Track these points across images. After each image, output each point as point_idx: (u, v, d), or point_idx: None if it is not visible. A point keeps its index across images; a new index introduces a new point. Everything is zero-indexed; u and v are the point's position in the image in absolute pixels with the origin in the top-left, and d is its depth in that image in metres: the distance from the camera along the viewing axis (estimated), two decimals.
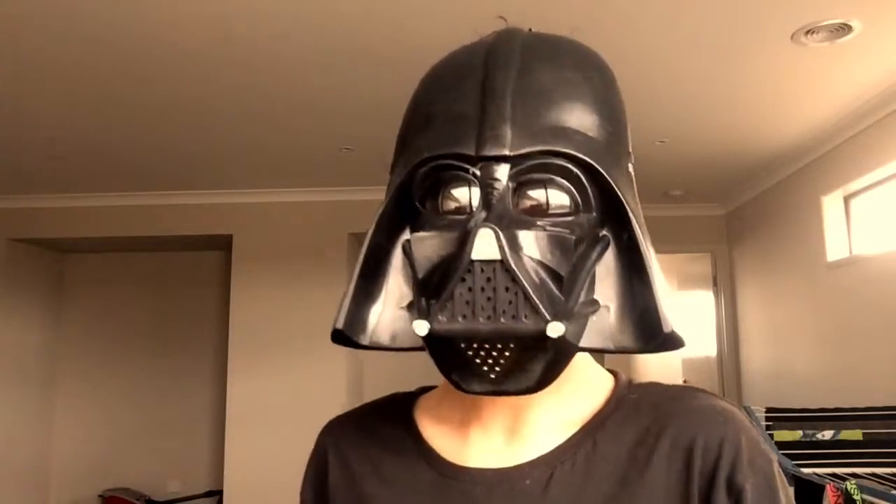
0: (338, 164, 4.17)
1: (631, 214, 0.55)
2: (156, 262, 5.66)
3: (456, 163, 0.54)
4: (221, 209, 4.91)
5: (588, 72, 0.59)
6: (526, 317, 0.50)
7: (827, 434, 2.82)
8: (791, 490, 2.74)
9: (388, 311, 0.58)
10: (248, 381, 4.71)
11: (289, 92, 3.12)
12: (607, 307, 0.55)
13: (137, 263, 5.66)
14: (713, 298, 5.53)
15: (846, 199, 3.90)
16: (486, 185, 0.53)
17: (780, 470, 0.58)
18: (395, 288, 0.58)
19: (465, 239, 0.51)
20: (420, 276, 0.55)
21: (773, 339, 4.63)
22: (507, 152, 0.52)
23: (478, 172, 0.53)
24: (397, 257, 0.58)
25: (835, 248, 3.86)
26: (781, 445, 2.82)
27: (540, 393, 0.57)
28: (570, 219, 0.55)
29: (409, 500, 0.61)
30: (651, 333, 0.54)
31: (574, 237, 0.54)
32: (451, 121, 0.55)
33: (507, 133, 0.53)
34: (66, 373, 5.54)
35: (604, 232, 0.56)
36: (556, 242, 0.53)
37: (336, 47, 2.66)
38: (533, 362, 0.52)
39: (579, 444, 0.59)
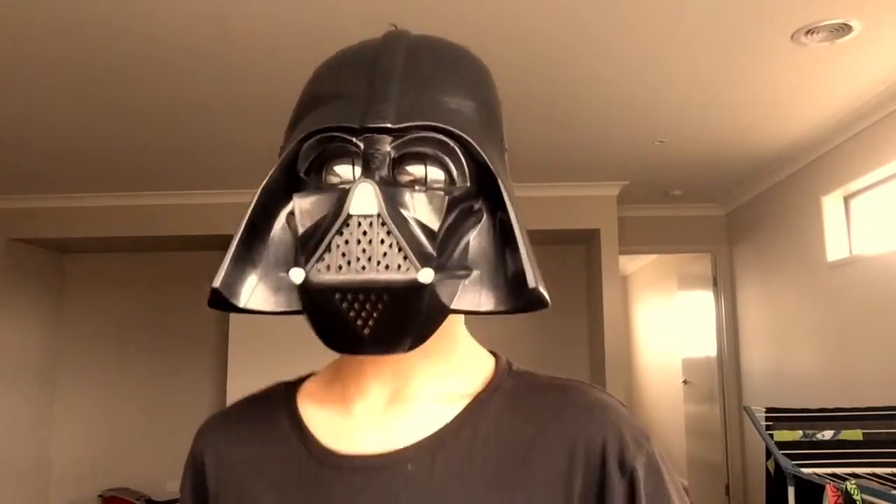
0: None
1: (503, 189, 0.57)
2: (156, 262, 5.66)
3: (340, 135, 0.56)
4: (221, 209, 4.90)
5: (465, 64, 0.64)
6: (399, 267, 0.52)
7: (827, 434, 2.82)
8: (792, 490, 2.74)
9: (269, 278, 0.59)
10: (247, 380, 4.70)
11: (289, 92, 3.11)
12: (479, 273, 0.58)
13: (137, 263, 5.67)
14: (713, 298, 5.53)
15: (846, 199, 3.91)
16: (368, 154, 0.56)
17: (658, 448, 0.62)
18: (277, 256, 0.60)
19: (343, 196, 0.54)
20: (300, 233, 0.56)
21: (773, 339, 4.63)
22: (389, 125, 0.55)
23: (361, 144, 0.56)
24: (280, 228, 0.60)
25: (835, 248, 3.86)
26: (781, 445, 2.82)
27: (420, 364, 0.61)
28: (445, 187, 0.58)
29: (293, 496, 0.61)
30: (518, 293, 0.56)
31: (448, 198, 0.57)
32: (340, 99, 0.59)
33: (391, 108, 0.56)
34: (66, 373, 5.55)
35: (478, 205, 0.59)
36: (431, 202, 0.56)
37: (336, 47, 2.66)
38: (405, 317, 0.54)
39: (461, 426, 0.60)
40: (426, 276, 0.52)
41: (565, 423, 0.60)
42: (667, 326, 7.25)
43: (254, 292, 0.59)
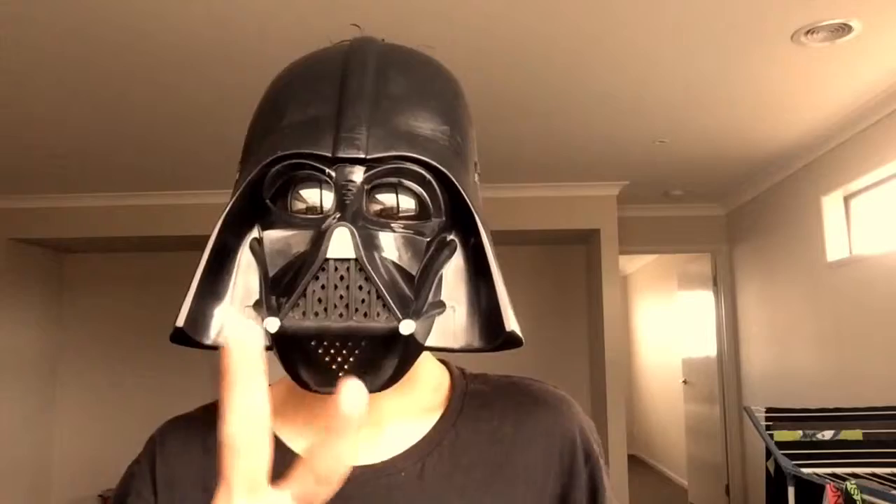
0: None
1: (478, 220, 0.56)
2: (156, 262, 5.66)
3: (311, 163, 0.54)
4: (221, 209, 4.90)
5: (438, 84, 0.61)
6: (378, 315, 0.51)
7: (827, 434, 2.82)
8: (792, 490, 2.74)
9: (236, 309, 0.57)
10: None
11: None
12: (453, 308, 0.57)
13: (137, 263, 5.67)
14: (713, 298, 5.53)
15: (846, 199, 3.91)
16: (341, 186, 0.53)
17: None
18: (242, 287, 0.57)
19: (319, 237, 0.52)
20: (271, 273, 0.54)
21: (773, 339, 4.63)
22: (362, 155, 0.53)
23: (333, 174, 0.54)
24: (244, 256, 0.58)
25: (835, 248, 3.87)
26: (781, 445, 2.82)
27: (390, 392, 0.59)
28: (419, 222, 0.56)
29: None
30: (494, 332, 0.56)
31: (425, 240, 0.56)
32: (307, 122, 0.56)
33: (364, 136, 0.54)
34: (66, 373, 5.55)
35: (451, 236, 0.58)
36: (409, 243, 0.55)
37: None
38: (382, 361, 0.52)
39: (442, 434, 0.61)
40: (407, 327, 0.51)
41: (539, 419, 0.63)
42: (667, 326, 7.25)
43: (219, 327, 0.56)
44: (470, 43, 2.63)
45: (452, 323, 0.57)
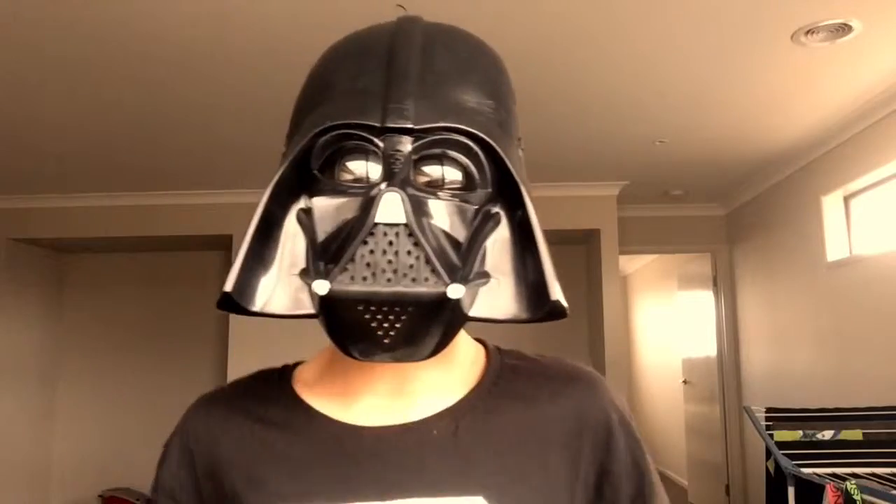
0: None
1: (524, 192, 0.57)
2: (156, 262, 5.66)
3: (360, 132, 0.54)
4: (221, 209, 4.91)
5: (483, 59, 0.62)
6: (426, 279, 0.51)
7: (827, 434, 2.82)
8: (792, 490, 2.74)
9: (282, 279, 0.57)
10: None
11: (289, 92, 3.11)
12: (497, 279, 0.57)
13: (137, 263, 5.66)
14: (713, 298, 5.53)
15: (846, 199, 3.91)
16: (389, 156, 0.54)
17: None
18: (289, 256, 0.57)
19: (369, 203, 0.52)
20: (320, 239, 0.55)
21: (773, 339, 4.63)
22: (411, 125, 0.54)
23: (381, 144, 0.54)
24: (291, 225, 0.58)
25: (835, 248, 3.86)
26: (781, 445, 2.82)
27: (426, 363, 0.60)
28: (465, 192, 0.56)
29: (308, 469, 0.59)
30: (538, 302, 0.56)
31: (473, 207, 0.56)
32: (356, 93, 0.56)
33: (412, 108, 0.54)
34: (66, 373, 5.54)
35: (497, 209, 0.58)
36: (457, 211, 0.55)
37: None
38: (428, 328, 0.53)
39: (477, 399, 0.62)
40: (456, 291, 0.51)
41: (572, 393, 0.64)
42: (667, 326, 7.25)
43: (267, 295, 0.57)
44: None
45: (497, 294, 0.57)
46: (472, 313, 0.56)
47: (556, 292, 0.54)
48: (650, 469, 0.65)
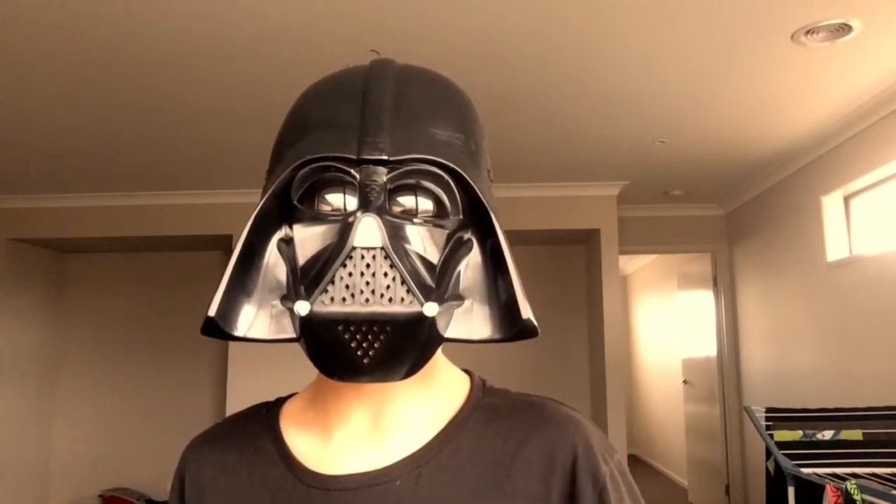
0: None
1: (494, 219, 0.59)
2: (156, 262, 5.66)
3: (337, 165, 0.57)
4: (221, 209, 4.91)
5: (453, 96, 0.66)
6: (402, 300, 0.54)
7: (827, 434, 2.82)
8: (792, 490, 2.74)
9: (263, 305, 0.60)
10: (247, 381, 4.71)
11: (288, 93, 3.11)
12: (471, 302, 0.60)
13: (137, 263, 5.67)
14: (713, 298, 5.53)
15: (846, 199, 3.91)
16: (365, 186, 0.57)
17: (622, 461, 0.65)
18: (270, 283, 0.60)
19: (347, 229, 0.56)
20: (300, 263, 0.58)
21: (773, 339, 4.63)
22: (385, 157, 0.57)
23: (357, 175, 0.57)
24: (272, 255, 0.61)
25: (835, 248, 3.86)
26: (781, 445, 2.82)
27: (401, 389, 0.63)
28: (437, 219, 0.59)
29: None
30: (510, 322, 0.58)
31: (446, 231, 0.59)
32: (333, 128, 0.59)
33: (386, 140, 0.57)
34: (66, 373, 5.55)
35: (468, 235, 0.61)
36: (431, 235, 0.58)
37: (335, 49, 2.66)
38: (405, 348, 0.55)
39: (443, 443, 0.62)
40: (431, 309, 0.54)
41: (543, 438, 0.62)
42: (667, 326, 7.25)
43: (249, 321, 0.59)
44: (470, 44, 2.63)
45: (470, 315, 0.60)
46: (447, 334, 0.58)
47: (527, 311, 0.57)
48: None
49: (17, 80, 2.94)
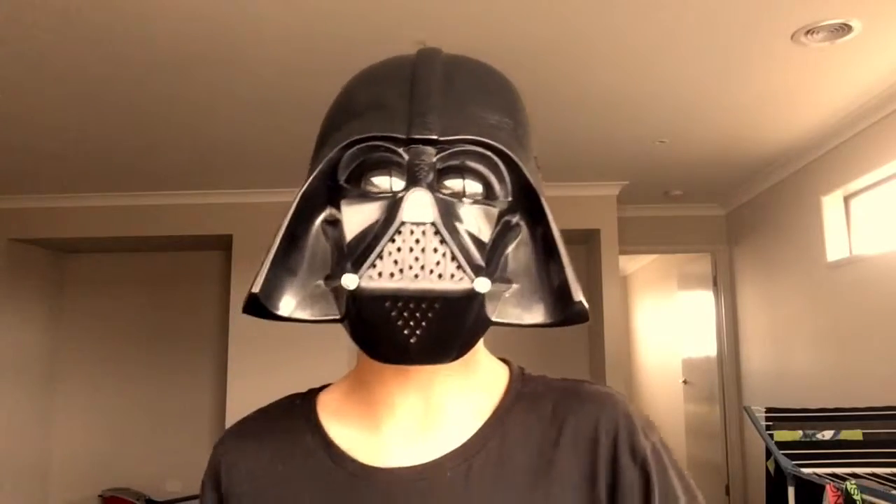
0: None
1: (544, 202, 0.58)
2: (156, 262, 5.66)
3: (385, 144, 0.56)
4: (221, 209, 4.91)
5: (499, 85, 0.65)
6: (452, 276, 0.52)
7: (827, 434, 2.82)
8: (792, 490, 2.74)
9: (306, 286, 0.58)
10: (248, 381, 4.71)
11: (288, 93, 3.12)
12: (519, 286, 0.59)
13: (137, 263, 5.66)
14: (713, 298, 5.53)
15: (846, 199, 3.90)
16: (413, 166, 0.55)
17: (661, 438, 0.64)
18: (314, 263, 0.59)
19: (396, 204, 0.54)
20: (347, 240, 0.56)
21: (773, 339, 4.63)
22: (435, 136, 0.56)
23: (405, 156, 0.56)
24: (316, 236, 0.59)
25: (835, 248, 3.86)
26: (781, 445, 2.82)
27: (446, 379, 0.62)
28: (486, 200, 0.58)
29: None
30: (560, 307, 0.58)
31: (496, 210, 0.58)
32: (381, 109, 0.58)
33: (436, 120, 0.56)
34: (66, 373, 5.54)
35: (517, 219, 0.60)
36: (482, 214, 0.57)
37: (335, 49, 2.66)
38: (454, 327, 0.54)
39: (490, 434, 0.62)
40: (483, 285, 0.53)
41: (583, 418, 0.62)
42: (667, 326, 7.25)
43: (292, 300, 0.58)
44: (469, 44, 2.63)
45: (519, 299, 0.58)
46: (495, 318, 0.57)
47: (579, 294, 0.56)
48: (668, 487, 0.60)
49: (17, 80, 2.94)
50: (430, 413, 0.62)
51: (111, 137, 3.70)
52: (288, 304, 0.58)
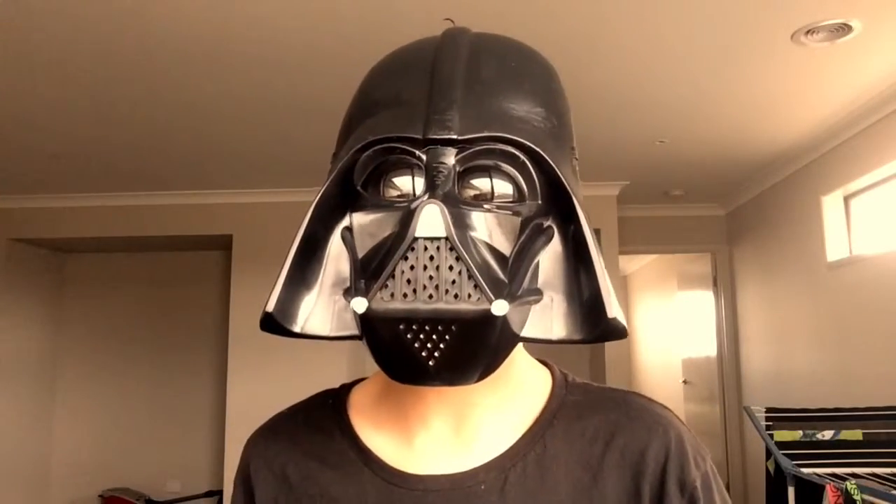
0: None
1: (577, 204, 0.54)
2: (156, 262, 5.66)
3: (402, 146, 0.52)
4: (221, 209, 4.91)
5: (532, 67, 0.60)
6: (469, 296, 0.49)
7: (827, 434, 2.82)
8: (792, 490, 2.74)
9: (324, 299, 0.56)
10: (248, 381, 4.71)
11: (289, 93, 3.12)
12: (550, 297, 0.55)
13: (137, 263, 5.66)
14: (713, 298, 5.53)
15: (846, 199, 3.90)
16: (432, 168, 0.52)
17: (713, 464, 0.61)
18: (333, 276, 0.56)
19: (408, 217, 0.50)
20: (360, 255, 0.53)
21: (773, 339, 4.63)
22: (454, 136, 0.51)
23: (423, 157, 0.52)
24: (335, 245, 0.56)
25: (835, 248, 3.86)
26: (781, 445, 2.82)
27: (482, 392, 0.58)
28: (514, 205, 0.54)
29: None
30: (594, 321, 0.53)
31: (519, 219, 0.53)
32: (399, 106, 0.55)
33: (455, 118, 0.52)
34: (66, 373, 5.54)
35: (548, 222, 0.55)
36: (502, 223, 0.53)
37: (335, 50, 2.66)
38: (474, 349, 0.50)
39: (529, 446, 0.58)
40: (500, 308, 0.49)
41: (632, 437, 0.58)
42: (667, 326, 7.25)
43: (309, 316, 0.55)
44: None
45: (550, 313, 0.54)
46: (523, 334, 0.53)
47: (614, 310, 0.52)
48: None
49: (17, 80, 2.94)
50: (465, 426, 0.59)
51: (111, 137, 3.70)
52: (303, 320, 0.55)
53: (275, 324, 0.54)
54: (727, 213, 5.43)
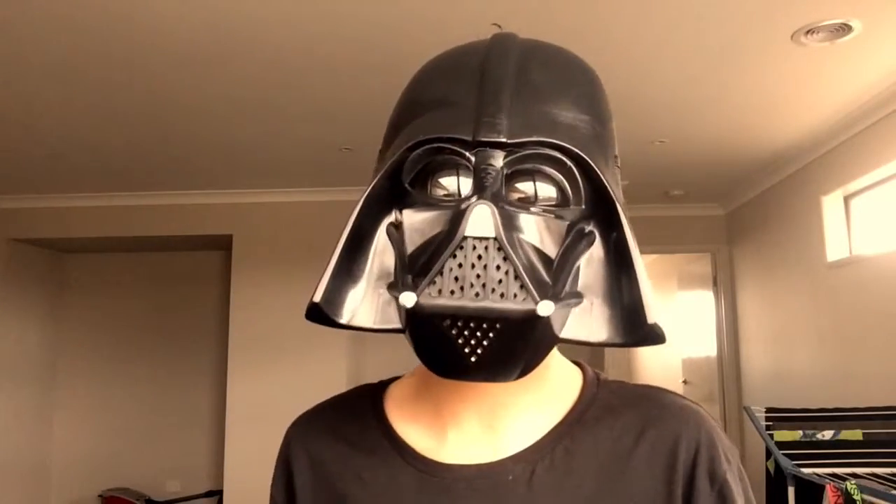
0: (338, 164, 4.17)
1: (620, 210, 0.55)
2: (156, 262, 5.66)
3: (451, 146, 0.54)
4: (221, 209, 4.91)
5: (578, 75, 0.61)
6: (515, 296, 0.50)
7: (827, 434, 2.82)
8: (792, 490, 2.74)
9: (369, 292, 0.57)
10: (248, 381, 4.71)
11: (289, 93, 3.12)
12: (590, 300, 0.56)
13: (137, 263, 5.67)
14: (713, 298, 5.53)
15: (846, 199, 3.90)
16: (481, 170, 0.53)
17: (740, 463, 0.62)
18: (378, 269, 0.57)
19: (458, 216, 0.52)
20: (409, 251, 0.54)
21: (773, 339, 4.63)
22: (503, 139, 0.53)
23: (472, 158, 0.53)
24: (381, 239, 0.58)
25: (835, 248, 3.86)
26: (781, 445, 2.82)
27: (516, 391, 0.60)
28: (558, 209, 0.55)
29: (388, 500, 0.60)
30: (634, 326, 0.54)
31: (565, 223, 0.55)
32: (448, 107, 0.56)
33: (504, 122, 0.53)
34: (66, 373, 5.55)
35: (591, 227, 0.57)
36: (549, 227, 0.54)
37: (335, 50, 2.66)
38: (516, 347, 0.52)
39: (558, 440, 0.60)
40: (546, 308, 0.50)
41: (662, 432, 0.59)
42: (667, 326, 7.24)
43: (355, 308, 0.57)
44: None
45: (590, 315, 0.56)
46: (563, 335, 0.55)
47: (654, 315, 0.53)
48: None
49: (17, 80, 2.94)
50: (497, 421, 0.61)
51: (111, 138, 3.70)
52: (349, 312, 0.56)
53: (320, 314, 0.56)
54: (727, 213, 5.43)
